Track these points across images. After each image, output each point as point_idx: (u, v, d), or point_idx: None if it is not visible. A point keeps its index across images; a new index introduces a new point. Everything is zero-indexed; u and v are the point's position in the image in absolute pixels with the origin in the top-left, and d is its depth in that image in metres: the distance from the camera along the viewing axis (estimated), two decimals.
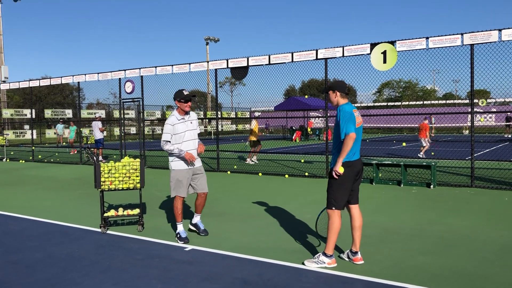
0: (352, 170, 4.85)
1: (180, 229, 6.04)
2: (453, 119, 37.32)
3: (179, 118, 5.96)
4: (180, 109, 6.01)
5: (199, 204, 6.31)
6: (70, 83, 17.82)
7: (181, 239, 5.91)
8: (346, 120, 4.76)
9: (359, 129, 4.91)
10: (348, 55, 11.18)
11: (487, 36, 9.48)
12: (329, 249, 4.85)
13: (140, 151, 15.43)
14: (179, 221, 6.06)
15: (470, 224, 6.68)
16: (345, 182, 4.83)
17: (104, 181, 6.37)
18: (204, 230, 6.26)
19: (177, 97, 5.97)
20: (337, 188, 4.83)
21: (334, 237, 4.85)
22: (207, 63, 13.50)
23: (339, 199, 4.83)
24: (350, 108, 4.86)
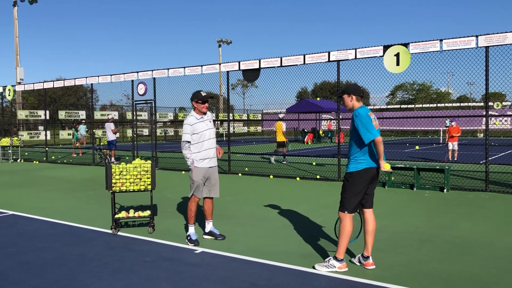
0: (367, 175, 4.80)
1: (191, 231, 6.02)
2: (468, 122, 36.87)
3: (197, 117, 5.97)
4: (197, 110, 6.00)
5: (208, 208, 6.24)
6: (83, 85, 17.95)
7: (192, 242, 5.89)
8: (365, 125, 4.67)
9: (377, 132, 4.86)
10: (360, 57, 11.11)
11: (502, 38, 9.34)
12: (340, 253, 4.80)
13: (152, 153, 15.50)
14: (191, 223, 6.06)
15: (484, 229, 6.56)
16: (358, 186, 4.78)
17: (115, 182, 6.40)
18: (220, 235, 6.18)
19: (194, 98, 5.96)
20: (350, 192, 4.78)
21: (346, 241, 4.80)
22: (219, 65, 13.52)
23: (351, 202, 4.78)
24: (366, 111, 4.80)
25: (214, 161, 6.15)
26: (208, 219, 6.26)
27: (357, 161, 4.80)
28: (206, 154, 5.99)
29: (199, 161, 5.96)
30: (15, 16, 33.95)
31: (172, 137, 43.36)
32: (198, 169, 5.96)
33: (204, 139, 5.96)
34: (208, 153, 6.02)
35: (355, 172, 4.79)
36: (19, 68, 32.79)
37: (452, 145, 16.18)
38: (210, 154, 6.05)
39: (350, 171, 4.84)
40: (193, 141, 5.93)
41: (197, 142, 5.94)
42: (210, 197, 6.19)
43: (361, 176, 4.77)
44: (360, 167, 4.77)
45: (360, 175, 4.77)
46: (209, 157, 6.04)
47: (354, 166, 4.81)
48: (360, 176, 4.77)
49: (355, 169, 4.80)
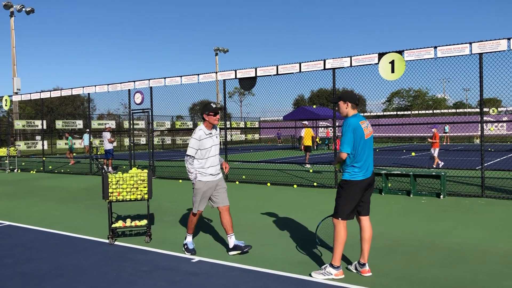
0: (363, 184, 4.83)
1: (188, 240, 5.99)
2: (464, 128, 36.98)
3: (206, 133, 5.80)
4: (207, 123, 5.83)
5: (227, 221, 5.89)
6: (80, 94, 17.99)
7: (188, 251, 5.88)
8: (346, 138, 4.76)
9: (368, 140, 4.89)
10: (356, 65, 11.18)
11: (496, 45, 9.43)
12: (336, 260, 4.81)
13: (149, 162, 15.50)
14: (189, 233, 5.99)
15: (481, 235, 6.59)
16: (353, 194, 4.81)
17: (112, 192, 6.40)
18: (246, 246, 5.84)
19: (205, 111, 5.78)
20: (345, 199, 4.81)
21: (341, 248, 4.81)
22: (216, 74, 13.58)
23: (345, 209, 4.80)
24: (357, 121, 4.83)
25: (219, 176, 5.99)
26: (230, 232, 5.88)
27: (353, 170, 4.82)
28: (209, 171, 5.82)
29: (205, 175, 5.82)
30: (12, 27, 34.02)
31: (170, 145, 43.38)
32: (201, 182, 5.82)
33: (209, 156, 5.81)
34: (211, 170, 5.84)
35: (350, 181, 4.82)
36: (16, 78, 32.80)
37: (434, 151, 16.09)
38: (213, 171, 5.87)
39: (345, 179, 4.87)
40: (197, 156, 5.79)
41: (202, 158, 5.79)
42: (224, 205, 5.95)
43: (356, 184, 4.80)
44: (356, 178, 4.80)
45: (355, 184, 4.80)
46: (212, 173, 5.86)
47: (349, 175, 4.84)
48: (355, 184, 4.80)
49: (350, 178, 4.83)
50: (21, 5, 33.62)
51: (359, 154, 4.78)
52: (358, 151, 4.77)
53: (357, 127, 4.77)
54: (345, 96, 4.97)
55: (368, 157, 4.87)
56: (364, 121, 4.91)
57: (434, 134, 16.27)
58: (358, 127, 4.78)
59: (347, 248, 5.64)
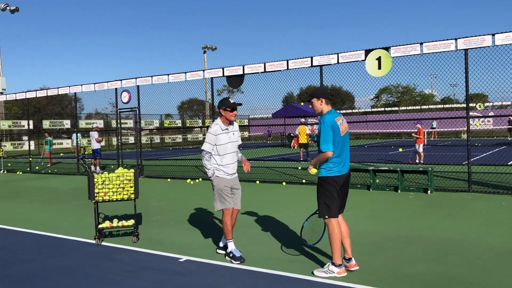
0: (340, 181, 4.84)
1: (232, 248, 5.48)
2: (452, 124, 37.29)
3: (223, 128, 5.56)
4: (224, 118, 5.58)
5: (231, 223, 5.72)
6: (68, 94, 17.81)
7: (236, 259, 5.35)
8: (325, 135, 4.71)
9: (344, 137, 4.87)
10: (343, 62, 11.19)
11: (480, 41, 9.49)
12: (336, 258, 4.78)
13: (137, 161, 15.40)
14: (229, 239, 5.50)
15: (468, 230, 6.63)
16: (334, 191, 4.82)
17: (98, 192, 6.34)
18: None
19: (222, 106, 5.55)
20: (328, 196, 4.81)
21: (338, 245, 4.79)
22: (203, 72, 13.51)
23: (332, 207, 4.80)
24: (332, 117, 4.80)
25: (235, 176, 5.74)
26: None
27: (328, 166, 4.82)
28: (226, 170, 5.58)
29: (219, 172, 5.59)
30: None
31: (158, 144, 43.16)
32: (217, 179, 5.58)
33: (225, 152, 5.55)
34: (228, 169, 5.59)
35: (326, 178, 4.82)
36: (0, 78, 32.36)
37: (419, 147, 16.23)
38: (230, 170, 5.61)
39: (321, 176, 4.87)
40: (214, 153, 5.56)
41: (217, 155, 5.56)
42: (236, 209, 5.75)
43: (334, 180, 4.81)
44: (331, 174, 4.81)
45: (332, 180, 4.80)
46: (229, 173, 5.60)
47: (325, 171, 4.84)
48: (332, 181, 4.80)
49: (326, 174, 4.83)
50: (5, 4, 33.16)
51: (335, 150, 4.76)
52: (334, 148, 4.76)
53: (334, 124, 4.76)
54: (318, 93, 4.94)
55: (344, 153, 4.87)
56: (340, 117, 4.88)
57: (418, 129, 16.41)
58: (334, 123, 4.76)
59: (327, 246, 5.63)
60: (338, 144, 4.77)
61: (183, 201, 10.16)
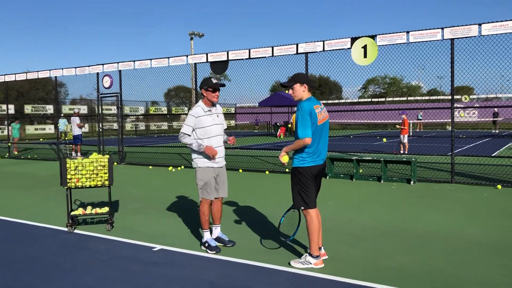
0: (314, 171, 4.64)
1: (207, 237, 5.32)
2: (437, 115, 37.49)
3: (205, 109, 5.22)
4: (206, 100, 5.26)
5: (217, 211, 5.50)
6: (51, 78, 17.36)
7: (211, 249, 5.20)
8: (303, 122, 4.48)
9: (323, 126, 4.66)
10: (328, 50, 11.02)
11: (467, 30, 9.38)
12: (314, 249, 4.63)
13: (118, 147, 15.11)
14: (205, 228, 5.33)
15: (449, 221, 6.55)
16: (309, 181, 4.64)
17: (70, 178, 6.11)
18: (230, 241, 5.47)
19: (204, 86, 5.21)
20: (304, 187, 4.63)
21: (316, 236, 4.63)
22: (186, 57, 13.22)
23: (310, 197, 4.64)
24: (311, 104, 4.56)
25: (221, 161, 5.39)
26: (216, 223, 5.54)
27: (301, 156, 4.62)
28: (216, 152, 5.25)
29: (203, 160, 5.26)
30: None
31: (143, 131, 42.71)
32: (199, 170, 5.31)
33: (210, 135, 5.22)
34: (218, 151, 5.26)
35: (300, 168, 4.63)
36: None
37: (403, 137, 16.22)
38: (219, 153, 5.28)
39: (295, 166, 4.67)
40: (197, 136, 5.25)
41: (202, 139, 5.23)
42: (218, 197, 5.44)
43: (309, 170, 4.61)
44: (305, 165, 4.60)
45: (307, 170, 4.61)
46: (218, 156, 5.28)
47: (298, 161, 4.64)
48: (307, 171, 4.61)
49: (299, 165, 4.63)
50: None
51: (311, 140, 4.54)
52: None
53: (312, 112, 4.52)
54: (302, 78, 4.69)
55: (321, 144, 4.65)
56: (319, 105, 4.63)
57: (403, 120, 16.37)
58: (313, 111, 4.53)
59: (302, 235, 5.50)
60: (315, 133, 4.56)
61: (163, 188, 9.96)
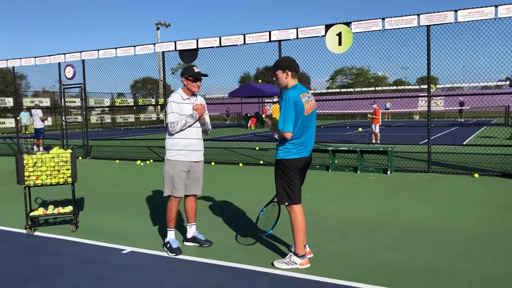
0: (300, 164, 4.28)
1: (170, 237, 4.88)
2: (404, 104, 37.93)
3: (184, 98, 4.82)
4: (186, 89, 4.85)
5: (191, 208, 5.05)
6: (8, 68, 16.40)
7: (172, 250, 4.75)
8: (286, 113, 4.10)
9: (311, 116, 4.30)
10: (302, 37, 10.68)
11: (443, 17, 9.22)
12: (299, 248, 4.27)
13: (83, 141, 14.41)
14: (170, 227, 4.89)
15: (432, 213, 6.35)
16: (292, 175, 4.26)
17: (28, 175, 5.56)
18: (206, 241, 5.06)
19: (184, 74, 4.80)
20: (289, 181, 4.26)
21: (301, 235, 4.27)
22: (154, 45, 12.63)
23: (295, 191, 4.27)
24: (297, 93, 4.17)
25: (199, 155, 4.93)
26: (190, 221, 5.09)
27: (286, 148, 4.25)
28: (186, 144, 4.78)
29: (177, 152, 4.78)
30: None
31: (109, 124, 41.52)
32: (169, 163, 4.81)
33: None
34: (191, 144, 4.81)
35: (284, 160, 4.26)
36: None
37: (375, 127, 16.26)
38: (194, 145, 4.84)
39: (279, 158, 4.30)
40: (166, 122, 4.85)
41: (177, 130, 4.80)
42: (188, 194, 5.00)
43: (295, 163, 4.25)
44: (290, 156, 4.24)
45: (291, 163, 4.24)
46: (193, 149, 4.83)
47: (283, 153, 4.27)
48: (291, 164, 4.24)
49: (283, 157, 4.27)
50: None
51: (297, 131, 4.18)
52: (296, 128, 4.17)
53: (298, 101, 4.13)
54: (283, 64, 4.28)
55: (307, 135, 4.28)
56: (305, 94, 4.25)
57: (374, 110, 16.33)
58: (299, 101, 4.14)
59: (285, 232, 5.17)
60: (302, 124, 4.19)
61: (131, 184, 9.44)
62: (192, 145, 4.86)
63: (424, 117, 41.82)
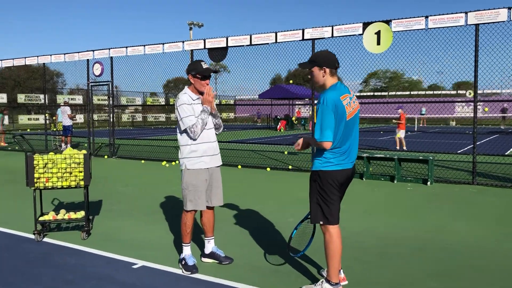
0: (341, 177, 3.64)
1: (186, 253, 4.36)
2: (440, 110, 36.51)
3: (194, 98, 4.28)
4: (193, 88, 4.33)
5: (208, 220, 4.53)
6: (39, 64, 16.39)
7: (187, 268, 4.24)
8: (322, 118, 3.49)
9: (353, 120, 3.66)
10: (338, 36, 10.03)
11: (494, 15, 8.41)
12: (333, 275, 3.66)
13: (109, 140, 14.16)
14: (186, 242, 4.37)
15: (480, 232, 5.61)
16: (331, 190, 3.62)
17: (38, 177, 5.16)
18: (226, 258, 4.51)
19: (192, 70, 4.26)
20: (324, 197, 3.63)
21: (336, 260, 3.66)
22: (182, 43, 12.22)
23: (332, 210, 3.64)
24: (337, 94, 3.54)
25: (217, 159, 4.45)
26: (208, 235, 4.58)
27: (325, 158, 3.61)
28: (206, 149, 4.29)
29: (198, 159, 4.27)
30: None
31: (141, 123, 41.70)
32: (188, 172, 4.28)
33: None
34: (209, 148, 4.32)
35: (323, 172, 3.62)
36: None
37: (401, 133, 15.39)
38: (212, 149, 4.35)
39: (316, 170, 3.66)
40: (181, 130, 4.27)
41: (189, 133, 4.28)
42: (211, 206, 4.51)
43: (333, 177, 3.61)
44: (330, 168, 3.60)
45: (331, 176, 3.60)
46: (210, 153, 4.35)
47: (323, 165, 3.62)
48: (331, 177, 3.60)
49: (322, 168, 3.62)
50: None
51: (339, 138, 3.56)
52: (337, 136, 3.55)
53: (338, 104, 3.51)
54: (320, 59, 3.66)
55: (350, 142, 3.64)
56: (347, 95, 3.61)
57: (400, 115, 15.54)
58: (339, 103, 3.51)
59: (315, 251, 4.56)
60: (344, 131, 3.57)
61: (154, 186, 8.99)
62: (212, 148, 4.36)
63: (460, 124, 40.25)
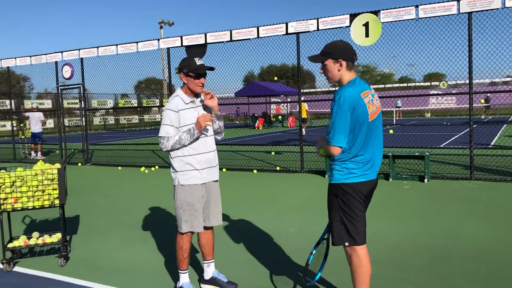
0: (363, 189, 3.11)
1: (184, 282, 3.83)
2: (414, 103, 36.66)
3: (186, 101, 3.70)
4: (186, 88, 3.74)
5: (207, 242, 3.95)
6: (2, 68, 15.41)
7: None
8: (336, 119, 2.98)
9: (377, 122, 3.13)
10: (324, 29, 9.55)
11: (488, 2, 8.07)
12: None
13: (82, 145, 13.35)
14: (183, 269, 3.83)
15: (500, 234, 5.19)
16: (355, 205, 3.09)
17: (5, 198, 4.47)
18: (230, 283, 3.93)
19: (184, 68, 3.65)
20: (347, 214, 3.09)
21: (365, 286, 3.14)
22: (158, 41, 11.52)
23: (360, 228, 3.12)
24: (356, 92, 3.02)
25: (215, 172, 3.85)
26: (208, 258, 3.99)
27: (346, 168, 3.07)
28: (206, 160, 3.73)
29: (190, 174, 3.67)
30: None
31: (113, 126, 40.52)
32: (182, 189, 3.68)
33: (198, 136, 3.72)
34: (206, 159, 3.73)
35: (346, 184, 3.09)
36: None
37: None
38: (209, 161, 3.76)
39: (337, 182, 3.11)
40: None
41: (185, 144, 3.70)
42: (209, 226, 3.91)
43: (358, 188, 3.08)
44: (352, 180, 3.06)
45: (356, 188, 3.07)
46: (211, 165, 3.79)
47: (344, 176, 3.08)
48: (356, 189, 3.07)
49: (343, 180, 3.09)
50: None
51: (360, 145, 3.03)
52: (358, 141, 3.03)
53: (358, 103, 2.99)
54: (336, 50, 3.10)
55: (373, 148, 3.11)
56: (368, 91, 3.09)
57: None
58: (359, 102, 3.00)
59: (330, 271, 4.04)
60: (367, 135, 3.05)
61: (136, 196, 8.32)
62: (210, 159, 3.76)
63: (435, 115, 40.62)
